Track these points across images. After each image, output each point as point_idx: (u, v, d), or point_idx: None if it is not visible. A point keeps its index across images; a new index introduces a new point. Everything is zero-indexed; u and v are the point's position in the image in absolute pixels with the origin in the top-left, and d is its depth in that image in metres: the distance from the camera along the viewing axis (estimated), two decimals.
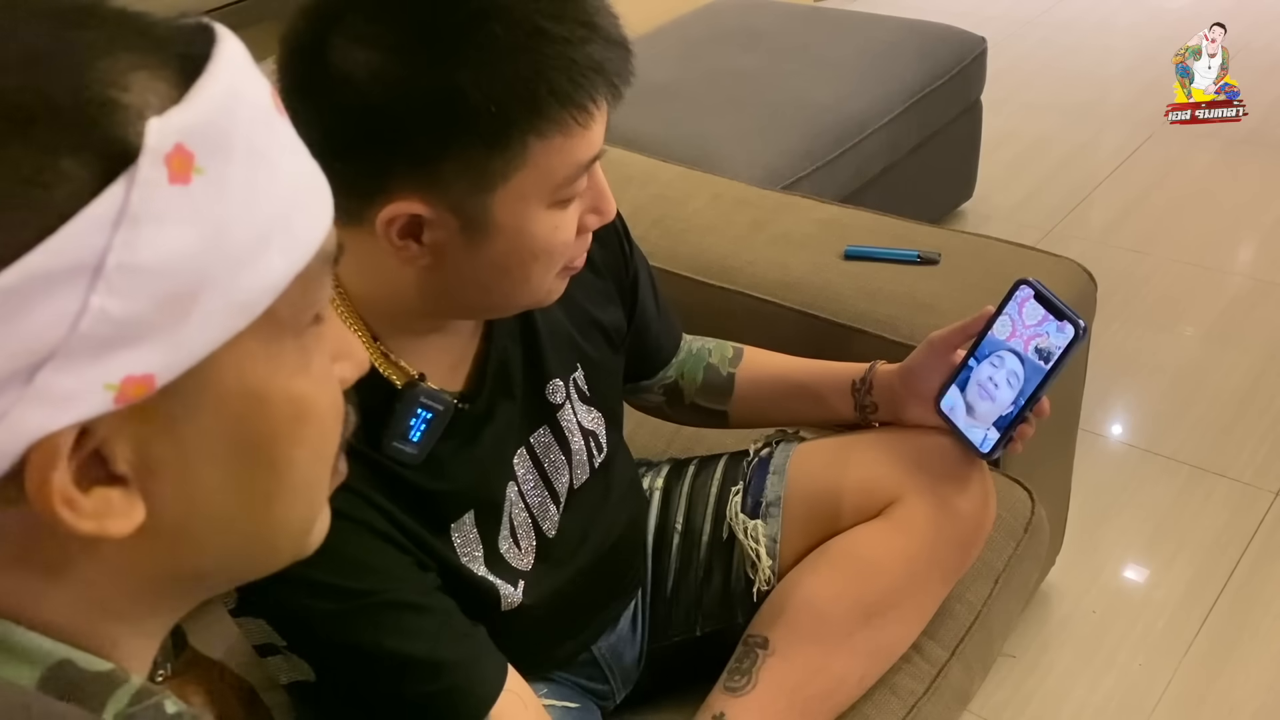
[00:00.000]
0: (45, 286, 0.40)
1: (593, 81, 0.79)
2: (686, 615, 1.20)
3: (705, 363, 1.26)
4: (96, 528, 0.44)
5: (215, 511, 0.48)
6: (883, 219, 1.65)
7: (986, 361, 1.12)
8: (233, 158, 0.44)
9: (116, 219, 0.40)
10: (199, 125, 0.43)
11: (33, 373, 0.40)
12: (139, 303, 0.41)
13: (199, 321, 0.43)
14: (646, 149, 1.86)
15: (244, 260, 0.44)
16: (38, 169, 0.40)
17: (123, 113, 0.41)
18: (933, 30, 2.55)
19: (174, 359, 0.43)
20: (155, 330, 0.42)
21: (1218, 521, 1.96)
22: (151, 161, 0.41)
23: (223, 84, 0.44)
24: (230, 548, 0.51)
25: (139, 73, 0.43)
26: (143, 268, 0.41)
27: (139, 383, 0.42)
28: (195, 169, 0.42)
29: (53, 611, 0.47)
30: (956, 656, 1.22)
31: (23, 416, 0.41)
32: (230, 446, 0.47)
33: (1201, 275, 2.58)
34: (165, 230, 0.41)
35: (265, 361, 0.47)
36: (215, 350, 0.44)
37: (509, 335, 1.00)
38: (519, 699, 0.94)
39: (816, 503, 1.18)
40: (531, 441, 1.03)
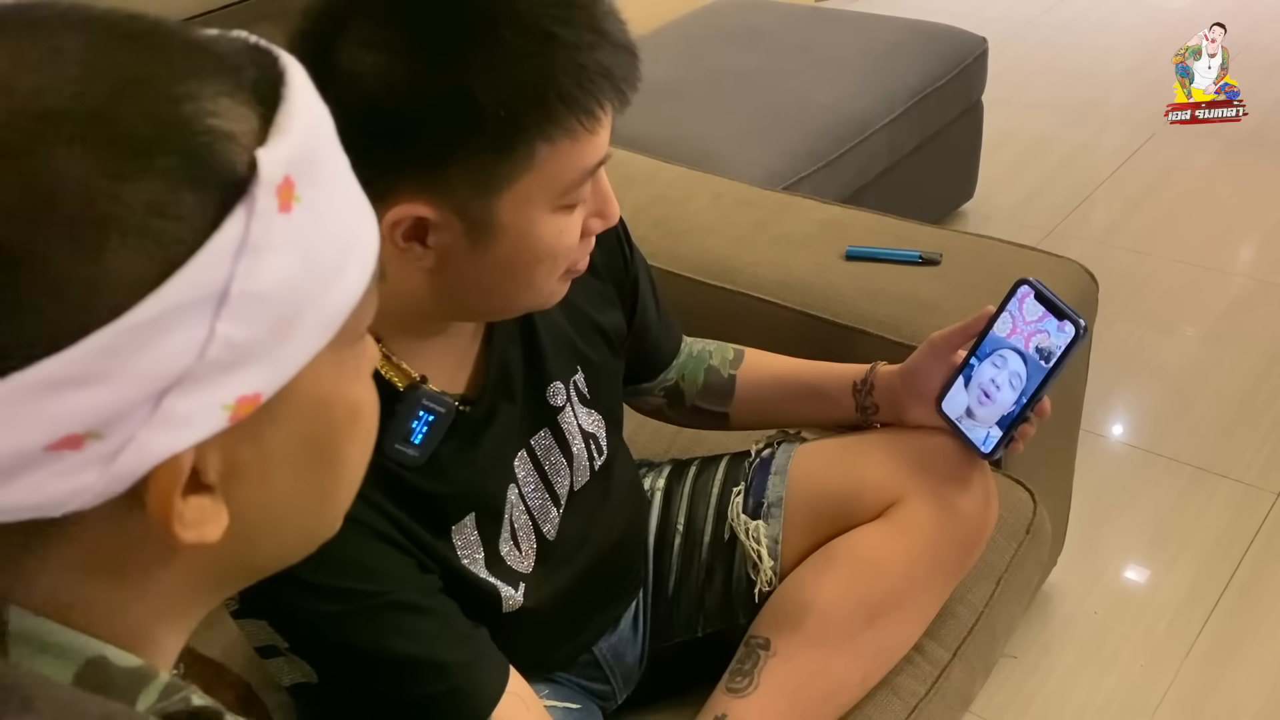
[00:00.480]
0: (178, 316, 0.41)
1: (600, 87, 0.79)
2: (688, 616, 1.20)
3: (706, 365, 1.26)
4: (196, 536, 0.46)
5: (282, 510, 0.52)
6: (884, 219, 1.64)
7: (988, 361, 1.12)
8: (319, 183, 0.46)
9: (238, 249, 0.42)
10: (299, 155, 0.45)
11: (160, 398, 0.42)
12: (255, 327, 0.44)
13: (296, 340, 0.46)
14: (647, 149, 1.86)
15: (330, 280, 0.47)
16: (164, 201, 0.41)
17: (227, 141, 0.43)
18: (934, 30, 2.54)
19: (276, 377, 0.46)
20: (264, 351, 0.44)
21: (1219, 522, 1.95)
22: (266, 192, 0.43)
23: (308, 113, 0.46)
24: (286, 541, 0.54)
25: (224, 99, 0.44)
26: (260, 294, 0.43)
27: (249, 402, 0.45)
28: (295, 197, 0.44)
29: (102, 612, 0.48)
30: (958, 657, 1.21)
31: (149, 439, 0.43)
32: (300, 449, 0.50)
33: (1203, 276, 2.58)
34: (276, 257, 0.44)
35: (333, 369, 0.50)
36: (303, 366, 0.47)
37: (510, 338, 1.00)
38: (521, 700, 0.94)
39: (818, 503, 1.18)
40: (532, 444, 1.03)
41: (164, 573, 0.49)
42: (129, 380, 0.41)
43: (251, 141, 0.44)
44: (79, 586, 0.47)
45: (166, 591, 0.50)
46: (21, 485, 0.42)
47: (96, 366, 0.41)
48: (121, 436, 0.42)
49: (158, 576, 0.49)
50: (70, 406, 0.41)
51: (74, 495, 0.43)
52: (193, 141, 0.43)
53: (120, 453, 0.42)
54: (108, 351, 0.41)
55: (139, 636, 0.50)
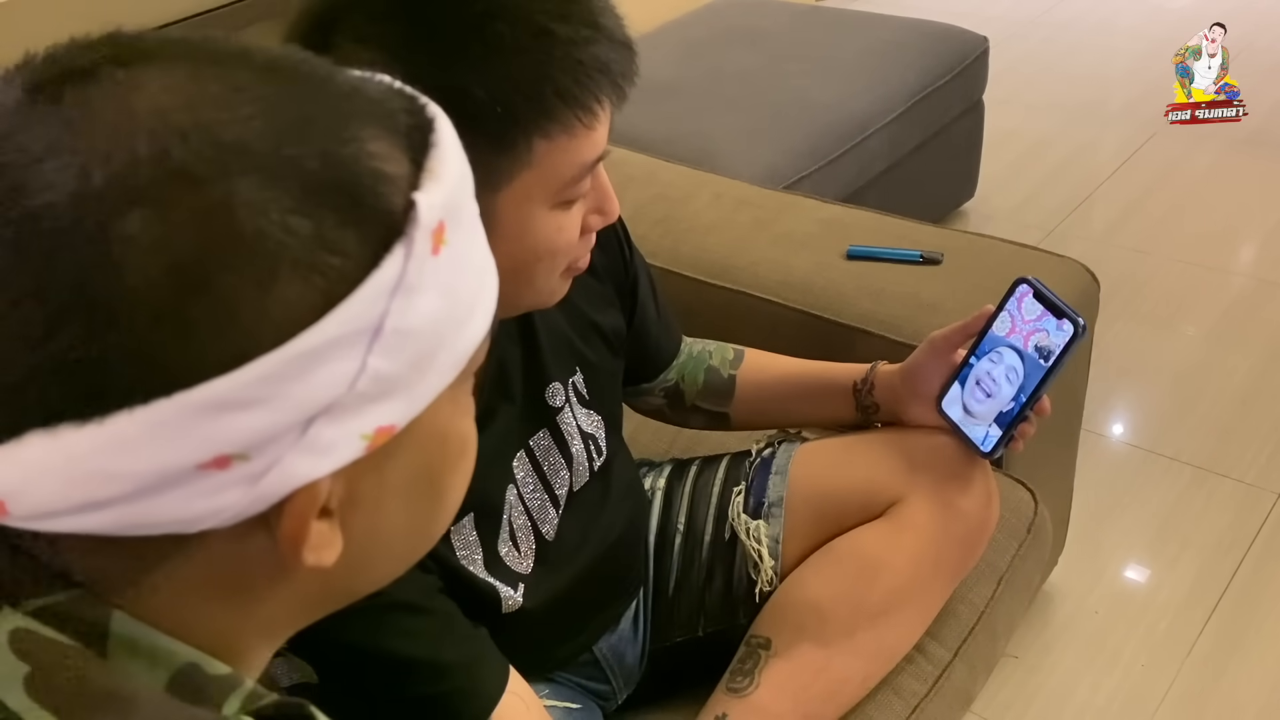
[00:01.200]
0: (336, 348, 0.43)
1: (598, 82, 0.79)
2: (688, 616, 1.20)
3: (706, 365, 1.26)
4: (316, 560, 0.47)
5: (387, 537, 0.53)
6: (885, 219, 1.64)
7: (987, 359, 1.12)
8: (462, 229, 0.48)
9: (395, 287, 0.44)
10: (450, 201, 0.47)
11: (309, 425, 0.43)
12: (400, 363, 0.45)
13: (432, 376, 0.47)
14: (648, 148, 1.86)
15: (464, 321, 0.48)
16: (332, 237, 0.43)
17: (388, 184, 0.45)
18: (935, 30, 2.54)
19: (409, 410, 0.47)
20: (404, 385, 0.46)
21: (1221, 522, 1.95)
22: (423, 235, 0.45)
23: (457, 160, 0.49)
24: (384, 567, 0.56)
25: (381, 142, 0.46)
26: (409, 331, 0.45)
27: (386, 432, 0.46)
28: (444, 241, 0.46)
29: (206, 629, 0.49)
30: (960, 657, 1.21)
31: (293, 464, 0.44)
32: (414, 480, 0.51)
33: (1204, 275, 2.57)
34: (424, 297, 0.45)
35: (450, 405, 0.51)
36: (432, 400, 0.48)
37: (508, 338, 1.00)
38: (521, 700, 0.93)
39: (819, 503, 1.18)
40: (531, 445, 1.03)
41: (272, 595, 0.50)
42: (284, 406, 0.43)
43: (406, 185, 0.46)
44: (190, 606, 0.48)
45: (270, 614, 0.52)
46: (167, 500, 0.43)
47: (256, 392, 0.42)
48: (267, 460, 0.43)
49: (266, 599, 0.50)
50: (227, 428, 0.42)
51: (214, 514, 0.44)
52: (357, 182, 0.44)
53: (264, 476, 0.44)
54: (269, 378, 0.42)
55: (235, 650, 0.51)
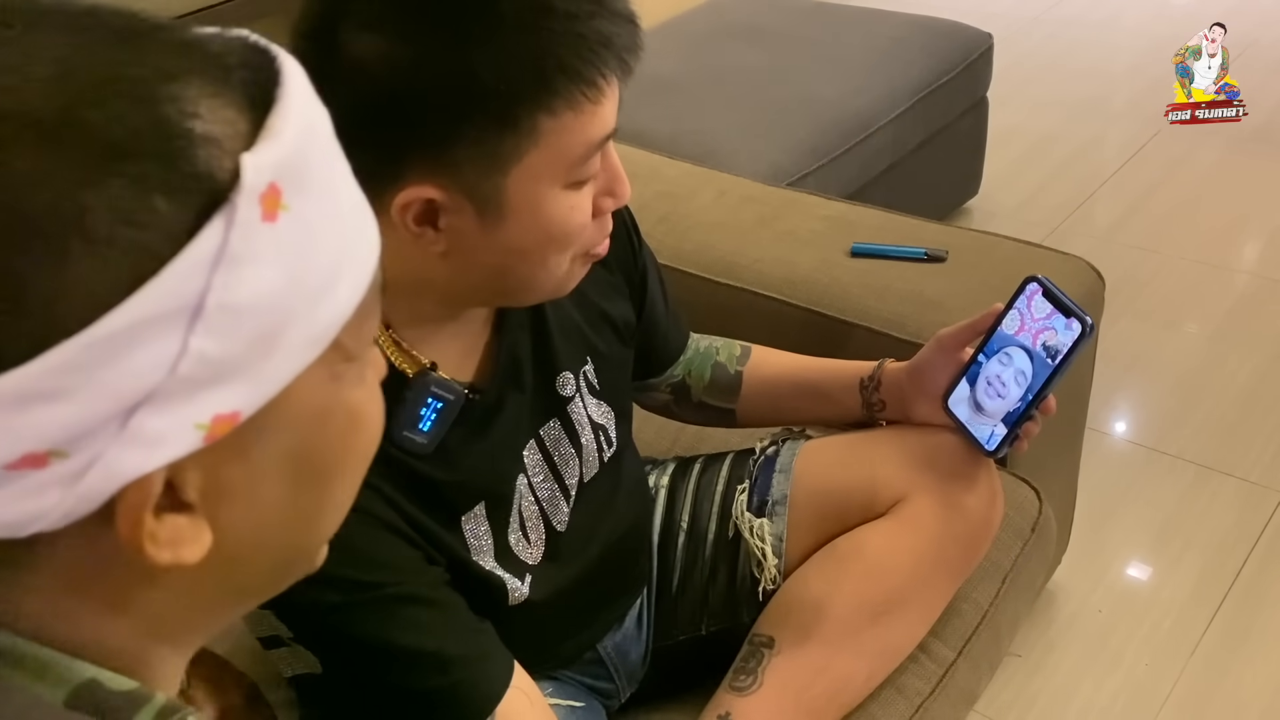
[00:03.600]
0: (148, 329, 0.39)
1: (601, 56, 0.78)
2: (692, 614, 1.20)
3: (713, 361, 1.25)
4: (172, 557, 0.44)
5: (271, 529, 0.49)
6: (889, 216, 1.64)
7: (995, 358, 1.11)
8: (310, 193, 0.43)
9: (215, 259, 0.40)
10: (287, 162, 0.42)
11: (129, 415, 0.40)
12: (233, 343, 0.41)
13: (281, 356, 0.43)
14: (651, 145, 1.85)
15: (320, 294, 0.44)
16: (133, 208, 0.39)
17: (207, 146, 0.41)
18: (939, 26, 2.54)
19: (257, 394, 0.43)
20: (243, 368, 0.42)
21: (1225, 521, 1.95)
22: (248, 200, 0.41)
23: (302, 117, 0.44)
24: (276, 563, 0.52)
25: (209, 100, 0.42)
26: (239, 308, 0.41)
27: (226, 420, 0.43)
28: (282, 206, 0.42)
29: (92, 633, 0.47)
30: (963, 656, 1.21)
31: (117, 458, 0.41)
32: (292, 465, 0.48)
33: (1208, 273, 2.57)
34: (258, 269, 0.41)
35: (328, 381, 0.47)
36: (291, 381, 0.45)
37: (519, 327, 1.00)
38: (525, 696, 0.93)
39: (823, 501, 1.17)
40: (541, 434, 1.03)
41: (149, 594, 0.47)
42: (95, 397, 0.39)
43: (237, 146, 0.42)
44: (66, 608, 0.46)
45: (156, 614, 0.48)
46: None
47: (59, 382, 0.39)
48: (87, 455, 0.40)
49: (143, 598, 0.47)
50: (31, 423, 0.39)
51: (38, 516, 0.41)
52: (168, 145, 0.40)
53: (86, 472, 0.41)
54: (71, 366, 0.39)
55: (133, 658, 0.48)
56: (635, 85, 0.84)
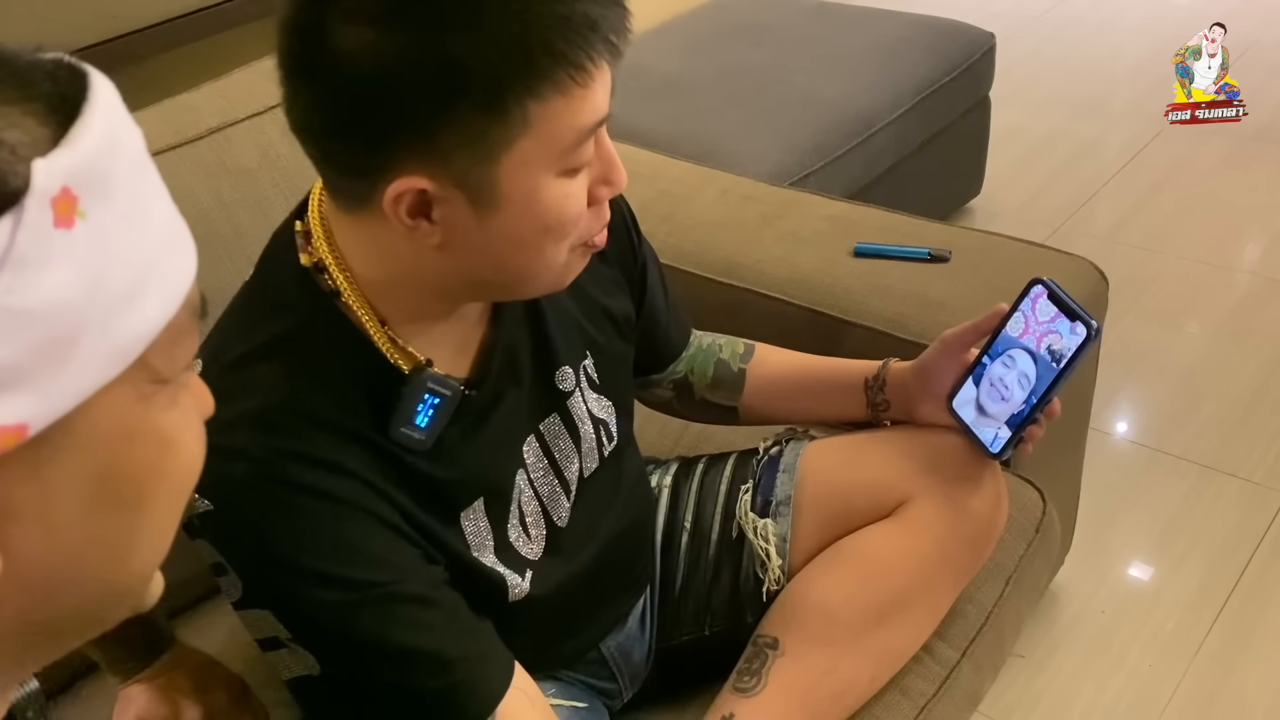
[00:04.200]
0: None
1: (587, 38, 0.77)
2: (695, 614, 1.19)
3: (716, 358, 1.25)
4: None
5: (74, 557, 0.46)
6: (892, 216, 1.64)
7: (999, 360, 1.11)
8: (112, 203, 0.42)
9: (0, 261, 0.39)
10: (84, 168, 0.41)
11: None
12: (17, 349, 0.39)
13: (75, 368, 0.41)
14: (653, 145, 1.85)
15: (121, 306, 0.43)
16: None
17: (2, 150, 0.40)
18: (941, 26, 2.54)
19: (48, 406, 0.41)
20: (31, 377, 0.40)
21: (1228, 521, 1.94)
22: (39, 203, 0.39)
23: (103, 127, 0.43)
24: (85, 600, 0.48)
25: (6, 108, 0.41)
26: (25, 312, 0.39)
27: (12, 433, 0.40)
28: (78, 213, 0.41)
29: None
30: (967, 657, 1.21)
31: None
32: (94, 487, 0.45)
33: (1210, 273, 2.57)
34: (48, 274, 0.40)
35: (136, 403, 0.45)
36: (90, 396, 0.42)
37: (516, 322, 0.99)
38: (525, 696, 0.93)
39: (827, 502, 1.17)
40: (541, 429, 1.02)
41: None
42: None
43: (32, 153, 0.40)
44: None
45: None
46: None
47: None
48: None
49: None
50: None
51: None
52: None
53: None
54: None
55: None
56: (637, 85, 0.84)
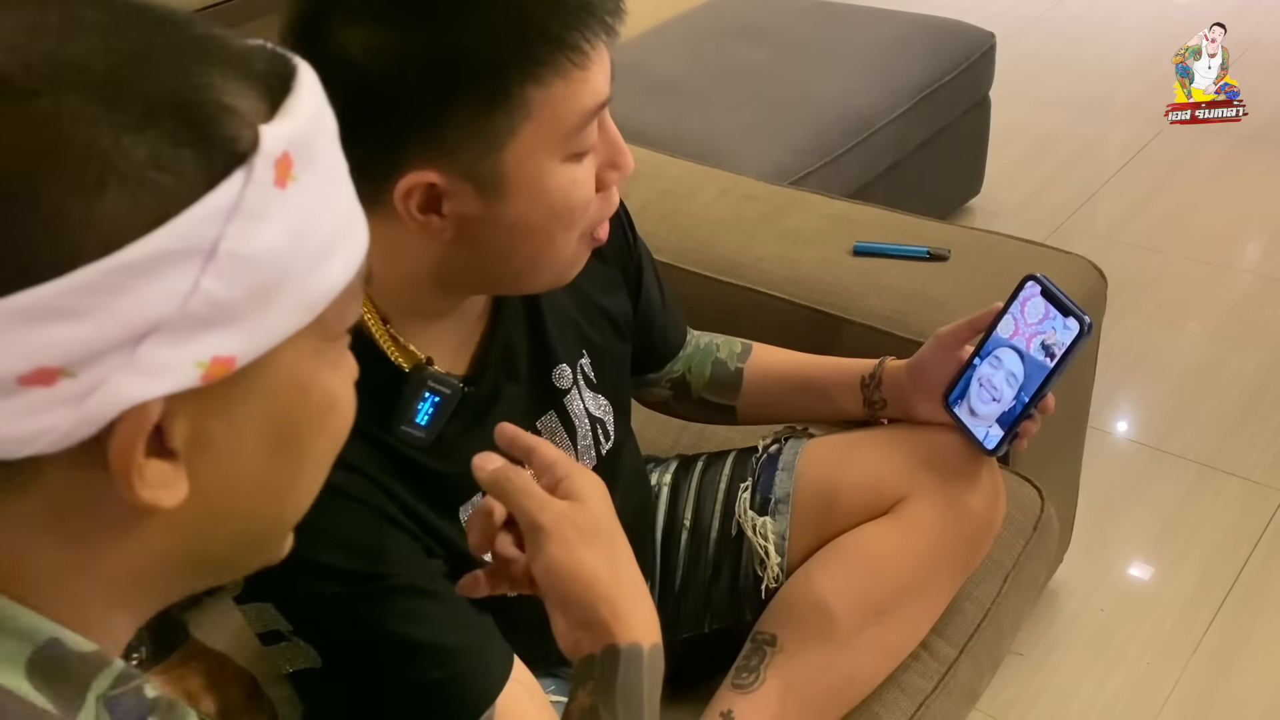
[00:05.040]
0: (165, 264, 0.43)
1: (584, 20, 0.79)
2: (695, 612, 1.20)
3: (713, 357, 1.25)
4: (153, 498, 0.46)
5: (243, 493, 0.52)
6: (892, 215, 1.64)
7: (986, 361, 1.12)
8: (316, 171, 0.48)
9: (230, 211, 0.44)
10: (299, 137, 0.47)
11: (138, 343, 0.44)
12: (237, 289, 0.45)
13: (276, 313, 0.47)
14: (654, 144, 1.85)
15: (315, 264, 0.48)
16: (164, 156, 0.44)
17: (232, 115, 0.46)
18: (941, 25, 2.54)
19: (252, 344, 0.47)
20: (242, 316, 0.46)
21: (1227, 520, 1.95)
22: (265, 163, 0.45)
23: (312, 104, 0.49)
24: (243, 535, 0.54)
25: (235, 83, 0.47)
26: (246, 257, 0.45)
27: (223, 363, 0.46)
28: (292, 176, 0.47)
29: (53, 584, 0.49)
30: (965, 654, 1.21)
31: (121, 383, 0.44)
32: (269, 431, 0.51)
33: (1210, 272, 2.57)
34: (266, 227, 0.46)
35: (311, 357, 0.51)
36: (281, 342, 0.48)
37: (515, 320, 1.00)
38: (525, 689, 0.93)
39: (826, 500, 1.17)
40: (538, 426, 1.03)
41: (119, 544, 0.49)
42: (110, 320, 0.43)
43: (255, 120, 0.46)
44: (34, 550, 0.48)
45: (121, 570, 0.50)
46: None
47: (80, 301, 0.42)
48: (94, 377, 0.43)
49: (113, 548, 0.49)
50: (49, 339, 0.42)
51: (40, 434, 0.44)
52: (199, 110, 0.45)
53: (91, 394, 0.43)
54: (92, 288, 0.42)
55: (88, 617, 0.50)
56: (638, 84, 0.84)
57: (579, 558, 0.76)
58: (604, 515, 0.79)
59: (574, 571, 0.76)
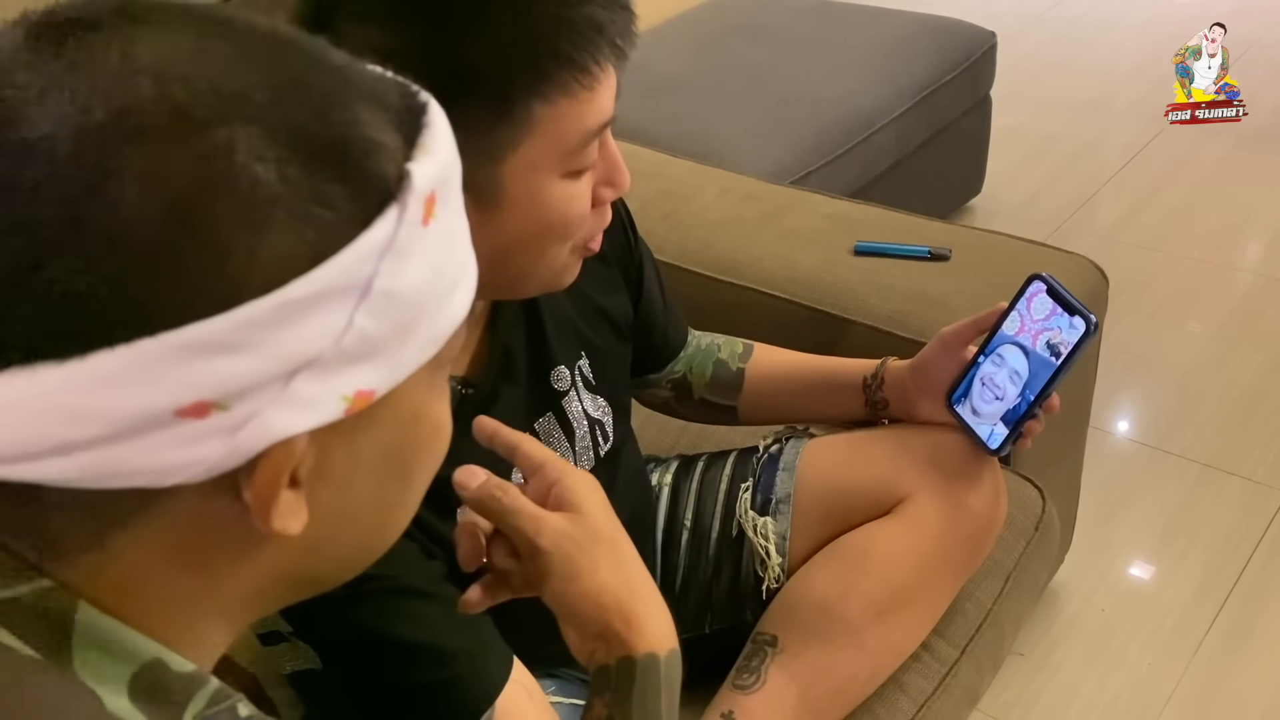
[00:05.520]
0: (324, 301, 0.44)
1: (593, 42, 0.78)
2: (695, 612, 1.20)
3: (715, 358, 1.25)
4: (282, 526, 0.47)
5: (352, 518, 0.53)
6: (893, 214, 1.64)
7: (990, 359, 1.12)
8: (450, 208, 0.49)
9: (385, 248, 0.45)
10: (441, 175, 0.48)
11: (291, 377, 0.44)
12: (384, 325, 0.46)
13: (411, 347, 0.48)
14: (655, 143, 1.85)
15: (445, 298, 0.49)
16: (326, 192, 0.44)
17: (383, 153, 0.46)
18: (942, 25, 2.53)
19: (388, 378, 0.47)
20: (385, 351, 0.46)
21: (1228, 520, 1.95)
22: (416, 202, 0.46)
23: (449, 142, 0.50)
24: (350, 553, 0.55)
25: (376, 116, 0.47)
26: (395, 294, 0.46)
27: (365, 397, 0.46)
28: (434, 214, 0.47)
29: (166, 605, 0.49)
30: (966, 655, 1.21)
31: (272, 416, 0.44)
32: (384, 459, 0.52)
33: (1211, 272, 2.57)
34: (412, 264, 0.46)
35: (426, 385, 0.52)
36: (411, 374, 0.49)
37: (514, 322, 1.00)
38: (525, 690, 0.93)
39: (827, 500, 1.17)
40: (535, 428, 1.03)
41: (235, 569, 0.50)
42: (268, 355, 0.43)
43: (399, 156, 0.47)
44: (153, 574, 0.48)
45: (231, 591, 0.51)
46: (141, 447, 0.43)
47: (242, 336, 0.42)
48: (248, 410, 0.43)
49: (228, 573, 0.50)
50: (209, 372, 0.42)
51: (188, 465, 0.44)
52: (352, 145, 0.45)
53: (243, 427, 0.44)
54: (255, 323, 0.42)
55: (194, 636, 0.51)
56: (638, 83, 0.84)
57: (586, 574, 0.74)
58: (603, 521, 0.76)
59: (583, 590, 0.74)
